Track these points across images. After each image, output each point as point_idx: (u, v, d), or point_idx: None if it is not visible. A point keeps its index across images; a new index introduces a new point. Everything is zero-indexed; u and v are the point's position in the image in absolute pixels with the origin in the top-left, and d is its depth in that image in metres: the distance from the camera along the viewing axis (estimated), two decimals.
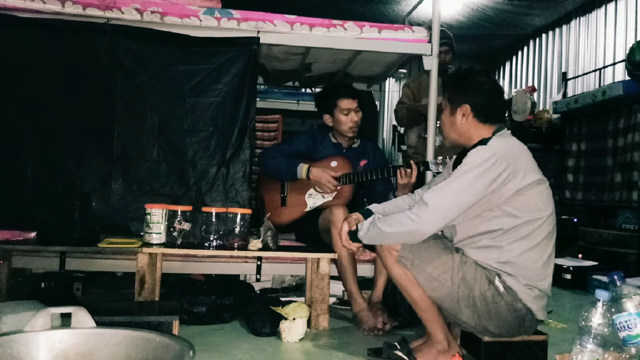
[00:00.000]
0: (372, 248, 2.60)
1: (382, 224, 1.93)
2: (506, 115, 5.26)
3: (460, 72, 2.17)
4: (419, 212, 1.85)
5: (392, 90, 10.30)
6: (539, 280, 1.89)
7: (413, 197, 2.25)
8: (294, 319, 2.33)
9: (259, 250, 2.54)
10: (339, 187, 2.89)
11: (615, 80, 5.67)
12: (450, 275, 1.87)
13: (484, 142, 1.93)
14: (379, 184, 2.94)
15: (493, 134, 1.98)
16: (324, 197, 2.93)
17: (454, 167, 2.04)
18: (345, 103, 2.93)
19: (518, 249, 1.87)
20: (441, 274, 1.88)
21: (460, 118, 2.02)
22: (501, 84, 9.95)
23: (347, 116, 2.94)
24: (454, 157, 2.22)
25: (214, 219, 2.53)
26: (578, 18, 7.15)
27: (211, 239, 2.53)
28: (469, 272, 1.88)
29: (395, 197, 2.72)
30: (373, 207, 2.23)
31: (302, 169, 2.86)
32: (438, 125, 2.39)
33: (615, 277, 1.78)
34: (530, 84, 7.86)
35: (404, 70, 5.18)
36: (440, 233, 2.06)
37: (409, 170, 2.69)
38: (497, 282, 1.86)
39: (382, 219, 1.95)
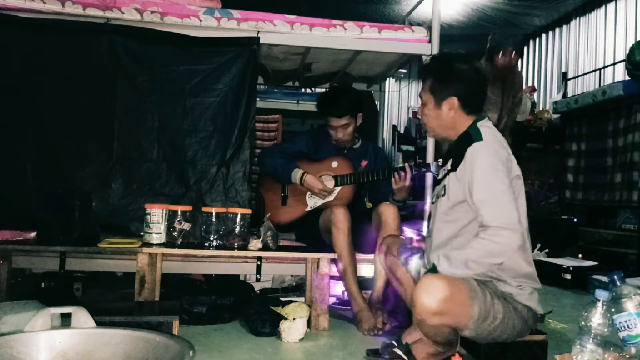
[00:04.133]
0: (372, 250, 2.61)
1: (457, 269, 1.75)
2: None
3: (439, 60, 2.07)
4: (492, 238, 1.71)
5: (392, 90, 10.30)
6: (527, 279, 1.85)
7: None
8: (294, 319, 2.33)
9: (259, 250, 2.54)
10: (335, 191, 2.88)
11: (615, 80, 5.67)
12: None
13: (477, 136, 1.83)
14: (382, 186, 2.93)
15: (474, 123, 1.90)
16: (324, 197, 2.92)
17: (453, 165, 1.93)
18: (332, 120, 2.91)
19: None
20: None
21: (446, 111, 1.92)
22: None
23: (333, 131, 2.95)
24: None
25: (214, 219, 2.53)
26: (578, 18, 7.15)
27: (211, 239, 2.53)
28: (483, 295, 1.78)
29: (394, 199, 2.72)
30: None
31: (297, 174, 2.83)
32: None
33: (615, 277, 1.78)
34: (530, 84, 7.86)
35: (404, 70, 5.19)
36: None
37: (402, 173, 2.67)
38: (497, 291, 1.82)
39: (454, 265, 1.75)
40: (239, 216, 2.54)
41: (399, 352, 1.97)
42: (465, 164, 1.82)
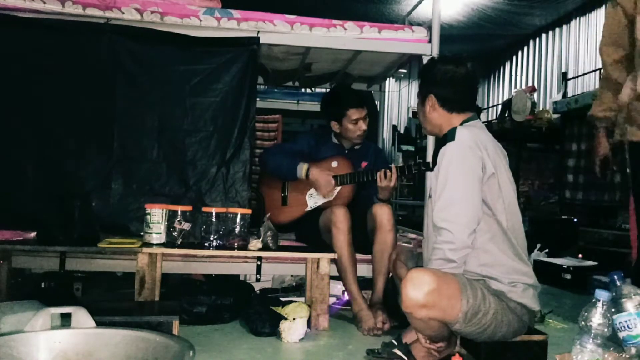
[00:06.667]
0: (368, 249, 2.61)
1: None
2: (477, 106, 5.19)
3: (428, 62, 2.16)
4: (440, 244, 1.78)
5: (392, 90, 10.31)
6: (519, 275, 1.85)
7: None
8: (294, 319, 2.33)
9: (259, 250, 2.54)
10: (335, 191, 2.88)
11: None
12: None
13: (452, 136, 1.88)
14: (372, 187, 2.91)
15: (462, 124, 1.94)
16: (324, 197, 2.92)
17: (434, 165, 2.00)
18: (355, 113, 2.89)
19: (490, 247, 1.83)
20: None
21: (429, 109, 2.01)
22: (501, 84, 9.96)
23: (355, 125, 2.92)
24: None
25: (214, 219, 2.53)
26: (578, 18, 7.16)
27: (211, 239, 2.53)
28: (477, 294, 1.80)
29: (378, 199, 2.72)
30: None
31: (302, 168, 2.85)
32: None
33: (615, 277, 1.77)
34: (530, 84, 7.87)
35: (404, 70, 5.21)
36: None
37: (389, 173, 2.66)
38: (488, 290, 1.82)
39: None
40: (239, 216, 2.54)
41: (399, 352, 1.97)
42: (438, 164, 1.89)
